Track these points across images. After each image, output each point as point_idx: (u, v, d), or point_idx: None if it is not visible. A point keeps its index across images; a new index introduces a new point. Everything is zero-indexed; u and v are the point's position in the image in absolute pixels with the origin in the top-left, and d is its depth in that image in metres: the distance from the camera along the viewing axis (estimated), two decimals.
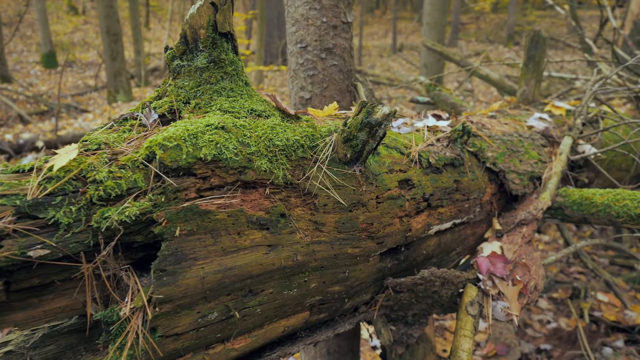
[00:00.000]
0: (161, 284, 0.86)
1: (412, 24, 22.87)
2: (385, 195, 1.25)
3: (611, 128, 2.03)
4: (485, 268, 1.59)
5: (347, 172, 1.16)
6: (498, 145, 1.79)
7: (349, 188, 1.15)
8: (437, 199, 1.45)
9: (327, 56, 1.86)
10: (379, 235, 1.24)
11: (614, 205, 1.70)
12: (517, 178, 1.78)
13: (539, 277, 1.55)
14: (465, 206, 1.60)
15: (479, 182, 1.65)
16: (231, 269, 0.95)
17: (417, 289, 1.44)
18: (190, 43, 1.13)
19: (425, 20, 7.95)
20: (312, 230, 1.09)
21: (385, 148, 1.37)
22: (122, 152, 0.96)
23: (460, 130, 1.56)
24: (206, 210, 0.93)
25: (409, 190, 1.35)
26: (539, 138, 2.09)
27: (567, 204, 1.81)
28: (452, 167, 1.54)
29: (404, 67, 15.07)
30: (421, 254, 1.47)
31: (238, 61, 1.20)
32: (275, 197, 1.04)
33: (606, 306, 3.77)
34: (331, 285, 1.17)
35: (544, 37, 2.66)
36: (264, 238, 1.01)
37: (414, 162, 1.41)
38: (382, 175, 1.27)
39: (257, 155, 1.02)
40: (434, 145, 1.54)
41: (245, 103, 1.15)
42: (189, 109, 1.11)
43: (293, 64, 1.93)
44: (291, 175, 1.07)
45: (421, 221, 1.40)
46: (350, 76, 1.96)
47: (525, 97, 2.76)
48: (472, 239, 1.74)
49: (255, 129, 1.06)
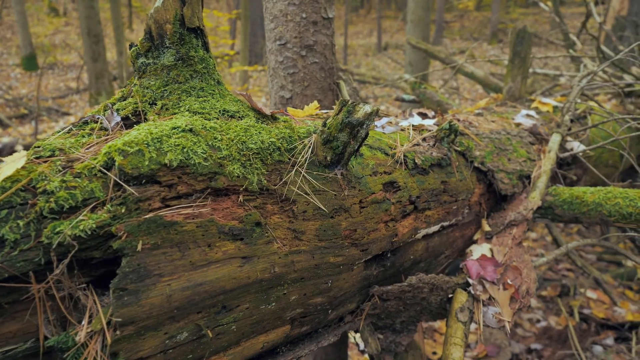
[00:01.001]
0: (122, 305, 0.78)
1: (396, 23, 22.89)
2: (369, 200, 1.18)
3: (600, 124, 1.98)
4: (475, 272, 1.53)
5: (327, 175, 1.09)
6: (486, 144, 1.74)
7: (329, 193, 1.08)
8: (424, 201, 1.38)
9: (308, 53, 1.79)
10: (363, 242, 1.16)
11: (606, 203, 1.66)
12: (506, 177, 1.72)
13: (531, 280, 1.50)
14: (453, 208, 1.53)
15: (467, 182, 1.59)
16: (201, 285, 0.87)
17: (404, 296, 1.37)
18: (155, 39, 1.04)
19: (410, 18, 7.91)
20: (291, 239, 1.02)
21: (369, 149, 1.30)
22: (79, 159, 0.87)
23: (447, 129, 1.50)
24: (172, 221, 0.84)
25: (395, 193, 1.28)
26: (527, 135, 2.04)
27: (558, 203, 1.76)
28: (439, 168, 1.47)
29: (389, 66, 15.06)
30: (408, 259, 1.40)
31: (209, 58, 1.12)
32: (250, 205, 0.96)
33: (595, 303, 3.76)
34: (313, 297, 1.10)
35: (529, 33, 2.62)
36: (238, 249, 0.93)
37: (399, 163, 1.34)
38: (366, 178, 1.19)
39: (229, 159, 0.94)
40: (419, 145, 1.47)
41: (216, 103, 1.07)
42: (155, 111, 1.03)
43: (272, 62, 1.85)
44: (267, 180, 0.99)
45: (408, 225, 1.33)
46: (333, 74, 1.88)
47: (512, 94, 2.71)
48: (460, 242, 1.68)
49: (227, 131, 0.98)
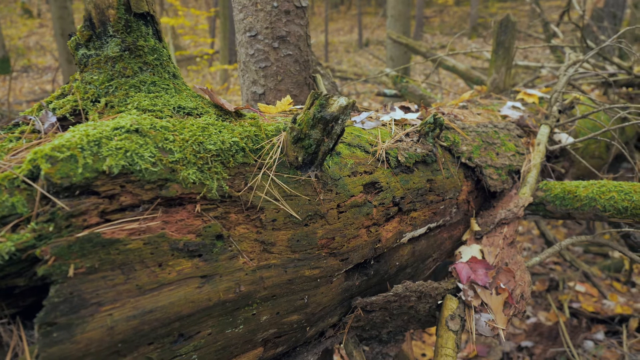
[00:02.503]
0: (51, 343, 0.65)
1: (377, 19, 22.84)
2: (348, 203, 1.06)
3: (590, 115, 1.90)
4: (466, 276, 1.42)
5: (299, 178, 0.96)
6: (473, 138, 1.63)
7: (302, 198, 0.96)
8: (408, 202, 1.27)
9: (281, 45, 1.66)
10: (342, 250, 1.04)
11: (600, 198, 1.56)
12: (494, 173, 1.62)
13: (525, 283, 1.40)
14: (440, 208, 1.42)
15: (454, 179, 1.48)
16: (152, 312, 0.74)
17: (390, 306, 1.25)
18: (97, 27, 0.90)
19: (390, 12, 7.82)
20: (259, 253, 0.89)
21: (347, 147, 1.18)
22: (0, 169, 0.74)
23: (431, 123, 1.39)
24: (113, 239, 0.71)
25: (376, 195, 1.16)
26: (514, 128, 1.95)
27: (549, 199, 1.66)
28: (424, 165, 1.36)
29: (371, 62, 14.98)
30: (394, 265, 1.29)
31: (162, 49, 0.99)
32: (210, 215, 0.83)
33: (584, 297, 3.71)
34: (288, 315, 0.97)
35: (513, 22, 2.53)
36: (196, 268, 0.80)
37: (381, 161, 1.23)
38: (344, 179, 1.07)
39: (182, 163, 0.81)
40: (402, 141, 1.35)
41: (170, 99, 0.94)
42: (97, 109, 0.89)
43: (243, 56, 1.72)
44: (229, 186, 0.87)
45: (392, 229, 1.21)
46: (308, 67, 1.76)
47: (496, 85, 2.62)
48: (449, 243, 1.57)
49: (181, 131, 0.85)
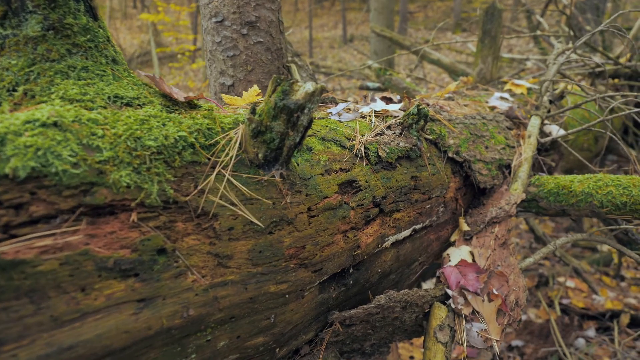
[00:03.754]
0: None
1: (361, 15, 22.73)
2: (320, 206, 0.92)
3: (583, 104, 1.79)
4: (455, 280, 1.30)
5: (261, 178, 0.82)
6: (460, 130, 1.51)
7: (265, 202, 0.82)
8: (391, 202, 1.14)
9: (250, 32, 1.52)
10: (315, 260, 0.91)
11: (596, 193, 1.45)
12: (484, 168, 1.50)
13: (520, 288, 1.28)
14: (426, 207, 1.30)
15: (441, 176, 1.35)
16: (71, 349, 0.60)
17: (372, 318, 1.12)
18: (12, 1, 0.75)
19: (373, 6, 7.70)
20: (213, 268, 0.75)
21: (321, 141, 1.04)
22: None
23: (415, 114, 1.26)
24: (16, 260, 0.57)
25: (354, 195, 1.03)
26: (503, 120, 1.83)
27: (542, 195, 1.55)
28: (408, 161, 1.23)
29: (355, 58, 14.86)
30: (375, 272, 1.16)
31: (98, 28, 0.84)
32: (149, 225, 0.69)
33: (573, 292, 3.64)
34: (251, 338, 0.84)
35: (499, 9, 2.42)
36: (131, 290, 0.66)
37: (360, 157, 1.09)
38: (316, 178, 0.94)
39: (113, 163, 0.67)
40: (384, 135, 1.22)
41: (106, 87, 0.79)
42: (14, 100, 0.74)
43: (209, 44, 1.57)
44: (175, 189, 0.72)
45: (372, 233, 1.08)
46: (282, 56, 1.62)
47: (483, 76, 2.51)
48: (436, 245, 1.45)
49: (113, 124, 0.70)
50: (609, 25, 1.77)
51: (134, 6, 23.60)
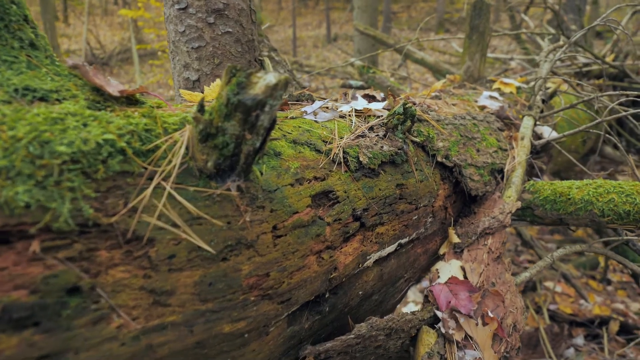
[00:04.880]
0: None
1: (345, 14, 22.64)
2: (289, 223, 0.77)
3: (578, 104, 1.67)
4: (445, 300, 1.16)
5: (213, 192, 0.66)
6: (450, 132, 1.37)
7: (217, 222, 0.66)
8: (373, 214, 0.99)
9: (217, 21, 1.36)
10: (281, 290, 0.75)
11: (597, 201, 1.33)
12: (476, 173, 1.36)
13: (518, 310, 1.14)
14: (413, 219, 1.15)
15: (429, 183, 1.21)
16: None
17: (352, 349, 0.97)
18: None
19: (357, 4, 7.57)
20: (148, 307, 0.59)
21: (292, 145, 0.89)
22: None
23: (400, 114, 1.11)
24: None
25: (331, 208, 0.88)
26: (494, 120, 1.70)
27: (538, 202, 1.42)
28: (393, 166, 1.09)
29: (339, 57, 14.74)
30: (356, 295, 1.01)
31: (10, 4, 0.67)
32: (58, 257, 0.53)
33: (560, 297, 3.55)
34: None
35: (487, 4, 2.29)
36: (27, 346, 0.49)
37: (337, 163, 0.94)
38: (284, 190, 0.78)
39: (6, 176, 0.50)
40: (365, 137, 1.07)
41: (14, 77, 0.63)
42: None
43: (172, 34, 1.40)
44: (97, 208, 0.56)
45: (352, 252, 0.93)
46: (254, 48, 1.46)
47: (470, 74, 2.38)
48: (423, 259, 1.31)
49: (13, 124, 0.54)
50: (604, 20, 1.65)
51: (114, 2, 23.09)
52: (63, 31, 19.03)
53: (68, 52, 15.26)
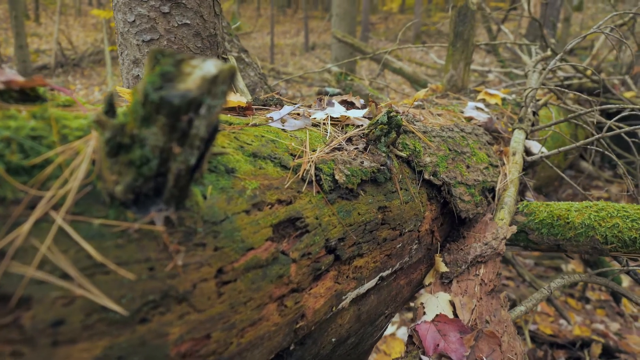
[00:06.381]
0: None
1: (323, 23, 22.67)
2: (240, 264, 0.58)
3: (573, 118, 1.54)
4: (432, 343, 0.99)
5: (128, 227, 0.47)
6: (437, 145, 1.21)
7: (135, 267, 0.47)
8: (351, 244, 0.81)
9: (173, 10, 1.17)
10: (228, 354, 0.56)
11: (599, 226, 1.19)
12: (466, 193, 1.21)
13: (517, 355, 0.98)
14: (397, 247, 0.98)
15: (415, 204, 1.04)
16: None
17: None
18: None
19: (335, 11, 7.46)
20: None
21: (251, 159, 0.71)
22: None
23: (384, 124, 0.94)
24: None
25: (298, 240, 0.70)
26: (482, 133, 1.55)
27: (533, 226, 1.27)
28: (375, 186, 0.91)
29: (317, 65, 14.66)
30: (328, 342, 0.83)
31: None
32: None
33: (540, 316, 3.44)
34: None
35: (472, 10, 2.17)
36: None
37: (308, 182, 0.77)
38: (236, 219, 0.60)
39: None
40: (343, 150, 0.90)
41: None
42: None
43: (120, 24, 1.21)
44: None
45: (324, 292, 0.75)
46: (216, 44, 1.27)
47: (454, 83, 2.25)
48: (407, 290, 1.14)
49: None
50: (601, 27, 1.54)
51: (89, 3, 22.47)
52: (34, 30, 18.44)
53: (38, 52, 14.71)
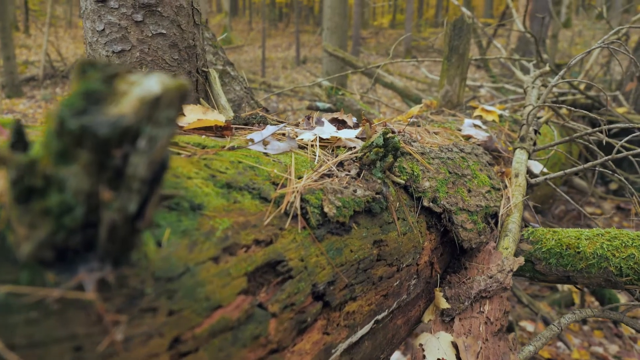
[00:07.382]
0: None
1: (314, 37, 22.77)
2: (204, 329, 0.47)
3: (577, 137, 1.46)
4: None
5: (46, 295, 0.36)
6: (437, 168, 1.10)
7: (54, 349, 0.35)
8: (342, 288, 0.70)
9: (147, 19, 1.06)
10: None
11: (613, 256, 1.09)
12: (469, 220, 1.10)
13: None
14: (394, 285, 0.87)
15: (414, 235, 0.93)
16: None
17: None
18: None
19: (326, 25, 7.43)
20: None
21: (224, 191, 0.59)
22: None
23: (380, 146, 0.84)
24: None
25: (279, 288, 0.58)
26: (482, 153, 1.46)
27: (540, 255, 1.17)
28: (369, 217, 0.80)
29: (308, 79, 14.64)
30: None
31: None
32: None
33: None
34: None
35: (468, 24, 2.10)
36: None
37: (292, 216, 0.65)
38: (199, 271, 0.48)
39: None
40: (333, 177, 0.79)
41: None
42: None
43: (89, 34, 1.10)
44: None
45: (310, 348, 0.63)
46: (195, 56, 1.16)
47: (449, 99, 2.16)
48: (404, 330, 1.02)
49: None
50: (607, 42, 1.46)
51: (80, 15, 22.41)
52: (23, 42, 18.30)
53: (26, 64, 14.52)
